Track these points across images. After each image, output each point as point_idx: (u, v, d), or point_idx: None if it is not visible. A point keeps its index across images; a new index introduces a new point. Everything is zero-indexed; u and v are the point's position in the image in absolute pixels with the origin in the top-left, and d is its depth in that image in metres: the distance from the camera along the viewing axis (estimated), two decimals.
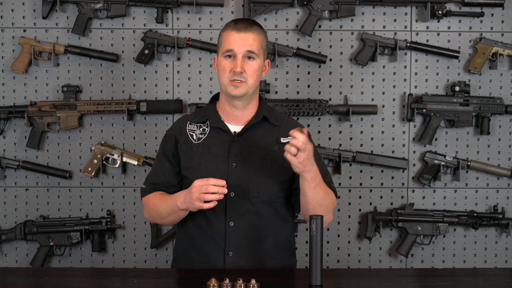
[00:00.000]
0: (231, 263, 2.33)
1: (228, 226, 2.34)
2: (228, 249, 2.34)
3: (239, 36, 2.32)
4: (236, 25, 2.34)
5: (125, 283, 2.20)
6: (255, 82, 2.35)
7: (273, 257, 2.39)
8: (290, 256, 2.48)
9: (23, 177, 3.49)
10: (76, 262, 3.51)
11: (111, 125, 3.48)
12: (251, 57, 2.33)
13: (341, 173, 3.46)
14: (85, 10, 3.39)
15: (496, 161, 3.53)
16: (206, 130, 2.41)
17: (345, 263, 3.54)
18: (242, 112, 2.40)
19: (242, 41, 2.31)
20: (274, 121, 2.43)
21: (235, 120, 2.40)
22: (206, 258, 2.36)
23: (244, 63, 2.32)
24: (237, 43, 2.31)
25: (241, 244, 2.35)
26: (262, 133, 2.40)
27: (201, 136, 2.41)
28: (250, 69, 2.32)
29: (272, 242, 2.39)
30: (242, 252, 2.35)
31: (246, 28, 2.33)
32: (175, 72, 3.48)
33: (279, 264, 2.40)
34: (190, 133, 2.42)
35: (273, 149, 2.39)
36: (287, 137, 2.35)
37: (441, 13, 3.38)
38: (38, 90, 3.46)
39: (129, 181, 3.49)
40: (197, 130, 2.42)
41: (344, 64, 3.49)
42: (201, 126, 2.43)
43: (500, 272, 2.59)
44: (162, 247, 3.51)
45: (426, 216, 3.45)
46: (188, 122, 2.45)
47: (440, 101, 3.44)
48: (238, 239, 2.34)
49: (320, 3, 3.40)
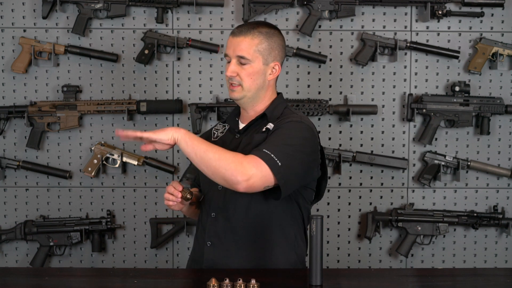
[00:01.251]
0: (208, 253, 2.33)
1: (210, 216, 2.35)
2: (208, 239, 2.34)
3: (232, 40, 2.34)
4: (235, 29, 2.36)
5: (125, 283, 2.20)
6: (253, 84, 2.33)
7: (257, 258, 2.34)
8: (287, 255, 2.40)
9: (23, 177, 3.49)
10: (76, 262, 3.51)
11: (111, 125, 3.48)
12: (243, 62, 2.32)
13: (341, 173, 3.46)
14: (85, 10, 3.39)
15: (496, 161, 3.53)
16: (225, 128, 2.47)
17: (345, 263, 3.54)
18: (251, 113, 2.41)
19: (234, 46, 2.33)
20: (272, 118, 2.37)
21: (245, 119, 2.43)
22: (196, 246, 2.40)
23: (238, 67, 2.32)
24: (231, 47, 2.34)
25: (219, 236, 2.32)
26: (257, 129, 2.40)
27: (220, 134, 2.46)
28: (243, 72, 2.32)
29: (264, 240, 2.34)
30: (220, 243, 2.32)
31: (241, 32, 2.33)
32: (175, 72, 3.48)
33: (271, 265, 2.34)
34: (214, 131, 2.48)
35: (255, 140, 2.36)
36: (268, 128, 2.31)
37: (441, 13, 3.39)
38: (38, 90, 3.46)
39: (129, 181, 3.49)
40: (221, 129, 2.48)
41: (344, 64, 3.49)
42: (224, 125, 2.48)
43: (500, 272, 2.59)
44: (162, 247, 3.51)
45: (426, 216, 3.45)
46: (219, 122, 2.53)
47: (440, 101, 3.44)
48: (215, 230, 2.33)
49: (320, 3, 3.40)
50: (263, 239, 2.34)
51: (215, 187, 2.35)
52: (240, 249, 2.34)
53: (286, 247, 2.35)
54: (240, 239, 2.34)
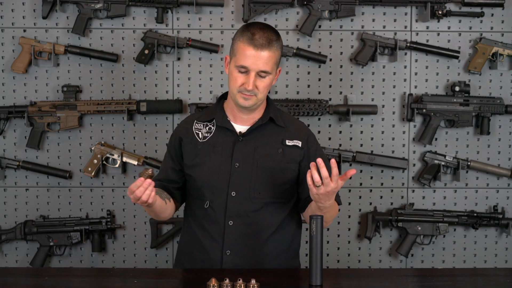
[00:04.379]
0: (228, 262, 2.34)
1: (227, 225, 2.35)
2: (226, 247, 2.35)
3: (255, 54, 2.27)
4: (254, 40, 2.28)
5: (125, 283, 2.20)
6: (265, 94, 2.35)
7: (273, 258, 2.40)
8: (291, 258, 2.47)
9: (23, 177, 3.49)
10: (76, 262, 3.51)
11: (111, 125, 3.48)
12: (263, 76, 2.31)
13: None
14: (85, 10, 3.39)
15: (496, 161, 3.53)
16: (212, 129, 2.42)
17: (345, 263, 3.54)
18: (249, 115, 2.40)
19: (257, 59, 2.27)
20: (280, 122, 2.42)
21: (242, 120, 2.41)
22: (207, 256, 2.37)
23: (257, 79, 2.30)
24: (252, 61, 2.28)
25: (239, 244, 2.35)
26: (268, 134, 2.41)
27: (207, 135, 2.41)
28: (261, 85, 2.31)
29: (272, 243, 2.39)
30: (240, 251, 2.35)
31: (263, 46, 2.28)
32: (175, 72, 3.48)
33: (279, 265, 2.40)
34: (196, 131, 2.43)
35: (277, 151, 2.39)
36: (293, 139, 2.39)
37: (441, 13, 3.38)
38: (38, 90, 3.46)
39: (129, 181, 3.49)
40: (204, 129, 2.43)
41: (344, 64, 3.49)
42: (207, 124, 2.43)
43: (500, 272, 2.59)
44: (162, 247, 3.51)
45: (426, 216, 3.45)
46: (195, 120, 2.45)
47: (440, 101, 3.44)
48: (236, 238, 2.35)
49: (320, 3, 3.40)
50: (281, 240, 2.43)
51: (224, 194, 2.34)
52: (262, 254, 2.38)
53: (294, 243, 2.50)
54: (263, 244, 2.37)
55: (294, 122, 2.49)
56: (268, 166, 2.37)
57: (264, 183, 2.36)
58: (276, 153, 2.38)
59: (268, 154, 2.38)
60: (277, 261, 2.40)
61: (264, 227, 2.38)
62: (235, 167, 2.36)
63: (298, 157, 2.40)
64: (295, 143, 2.40)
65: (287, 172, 2.37)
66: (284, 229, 2.43)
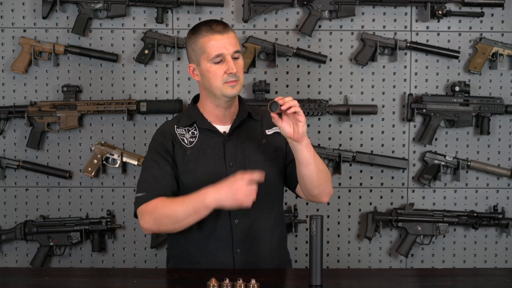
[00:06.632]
0: (240, 261, 2.36)
1: (233, 224, 2.36)
2: (236, 247, 2.36)
3: (222, 38, 2.33)
4: (213, 29, 2.34)
5: (125, 283, 2.20)
6: (243, 77, 2.40)
7: (278, 250, 2.45)
8: (285, 252, 2.55)
9: (23, 177, 3.49)
10: (76, 262, 3.51)
11: (111, 125, 3.48)
12: (236, 57, 2.36)
13: (341, 173, 3.46)
14: (85, 10, 3.39)
15: (496, 161, 3.53)
16: (196, 133, 2.42)
17: (345, 263, 3.54)
18: (228, 112, 2.42)
19: (226, 43, 2.33)
20: (256, 116, 2.48)
21: (221, 120, 2.43)
22: (213, 259, 2.37)
23: (234, 63, 2.34)
24: (224, 46, 2.33)
25: (247, 241, 2.38)
26: (249, 129, 2.45)
27: (192, 139, 2.41)
28: (239, 66, 2.37)
29: (276, 236, 2.45)
30: (248, 248, 2.38)
31: (224, 29, 2.36)
32: (175, 72, 3.48)
33: (283, 257, 2.49)
34: (181, 137, 2.41)
35: (262, 142, 2.44)
36: (271, 127, 2.46)
37: (441, 13, 3.38)
38: (38, 90, 3.46)
39: (129, 181, 3.49)
40: (187, 134, 2.41)
41: (344, 64, 3.49)
42: (189, 129, 2.42)
43: (500, 272, 2.59)
44: (162, 247, 3.51)
45: (426, 216, 3.45)
46: (175, 126, 2.44)
47: (440, 101, 3.44)
48: (244, 236, 2.38)
49: (320, 3, 3.40)
50: (282, 235, 2.50)
51: None
52: (268, 249, 2.41)
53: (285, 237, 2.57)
54: (269, 240, 2.41)
55: (265, 113, 2.49)
56: (258, 159, 2.41)
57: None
58: (261, 145, 2.43)
59: (256, 148, 2.42)
60: (281, 252, 2.48)
61: (265, 223, 2.41)
62: (230, 167, 2.37)
63: (282, 143, 2.44)
64: (274, 130, 2.46)
65: (276, 161, 2.43)
66: (278, 224, 2.48)
